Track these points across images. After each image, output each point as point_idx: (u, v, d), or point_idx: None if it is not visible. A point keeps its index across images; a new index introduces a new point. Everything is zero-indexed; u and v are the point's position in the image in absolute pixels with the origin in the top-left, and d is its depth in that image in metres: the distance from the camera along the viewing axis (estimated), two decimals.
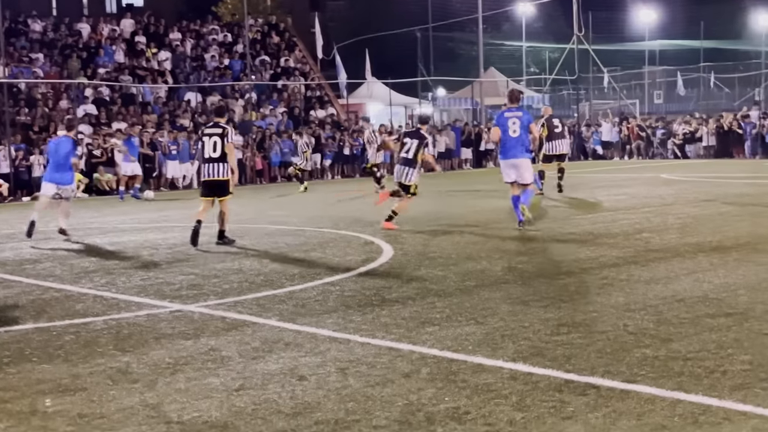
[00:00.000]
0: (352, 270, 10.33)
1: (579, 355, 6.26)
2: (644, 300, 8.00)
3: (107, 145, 28.14)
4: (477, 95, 42.25)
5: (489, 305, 8.06)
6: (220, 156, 13.27)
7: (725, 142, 37.04)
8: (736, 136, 36.65)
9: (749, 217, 14.07)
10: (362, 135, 30.14)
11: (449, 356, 6.39)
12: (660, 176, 25.34)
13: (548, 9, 61.03)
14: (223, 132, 13.35)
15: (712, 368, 5.83)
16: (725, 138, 36.97)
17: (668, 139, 39.22)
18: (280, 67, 40.32)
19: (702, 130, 38.00)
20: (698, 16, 55.13)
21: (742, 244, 11.12)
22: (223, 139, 13.27)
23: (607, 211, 16.03)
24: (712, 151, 37.44)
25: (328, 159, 33.98)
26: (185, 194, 27.06)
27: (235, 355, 6.65)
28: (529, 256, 10.89)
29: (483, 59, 44.13)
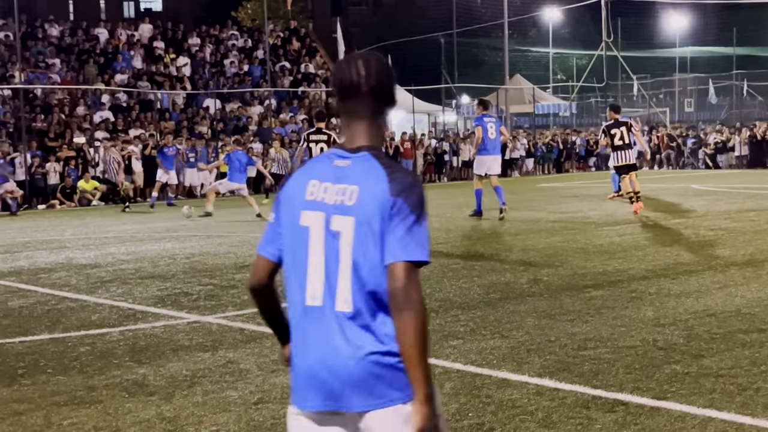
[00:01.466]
0: None
1: (607, 371, 6.09)
2: (674, 314, 7.80)
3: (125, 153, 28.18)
4: (502, 103, 42.05)
5: (514, 318, 7.89)
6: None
7: (758, 151, 36.56)
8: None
9: None
10: None
11: (473, 370, 6.24)
12: (691, 187, 25.07)
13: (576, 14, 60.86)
14: (329, 138, 14.94)
15: (744, 385, 5.65)
16: (758, 147, 36.50)
17: (699, 149, 38.85)
18: (301, 73, 40.31)
19: (734, 140, 37.58)
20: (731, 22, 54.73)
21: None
22: (330, 145, 14.49)
23: (635, 223, 15.80)
24: (744, 161, 37.03)
25: None
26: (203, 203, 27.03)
27: (253, 367, 6.52)
28: (555, 269, 10.69)
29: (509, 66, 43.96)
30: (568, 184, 30.00)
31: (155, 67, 36.16)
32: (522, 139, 38.80)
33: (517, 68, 52.38)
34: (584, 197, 22.51)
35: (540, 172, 39.14)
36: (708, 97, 53.47)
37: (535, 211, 19.10)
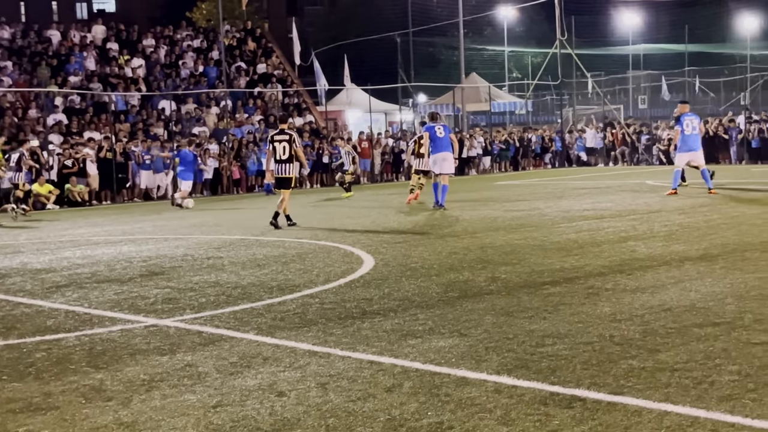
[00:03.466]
0: (332, 281, 10.17)
1: (564, 367, 6.13)
2: (630, 310, 7.88)
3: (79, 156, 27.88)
4: (458, 101, 42.21)
5: (472, 317, 7.92)
6: (288, 158, 16.80)
7: (711, 147, 36.99)
8: (722, 141, 36.73)
9: (736, 224, 13.99)
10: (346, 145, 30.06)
11: (432, 369, 6.25)
12: (645, 182, 25.32)
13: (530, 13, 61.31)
14: (290, 138, 16.85)
15: (699, 379, 5.71)
16: (710, 143, 36.95)
17: (653, 145, 39.28)
18: (257, 73, 40.14)
19: None
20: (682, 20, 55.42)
21: (729, 252, 11.03)
22: (291, 144, 16.77)
23: (592, 219, 15.93)
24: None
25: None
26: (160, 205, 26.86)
27: (212, 370, 6.48)
28: (513, 266, 10.76)
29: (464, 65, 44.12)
30: (525, 181, 30.20)
31: (109, 68, 35.82)
32: (479, 138, 38.98)
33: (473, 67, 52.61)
34: (541, 194, 22.66)
35: (497, 170, 39.35)
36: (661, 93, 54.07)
37: (492, 209, 19.20)
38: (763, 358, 6.12)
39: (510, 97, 50.30)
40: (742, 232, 12.94)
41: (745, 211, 15.88)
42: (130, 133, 31.49)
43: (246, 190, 32.12)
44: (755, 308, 7.69)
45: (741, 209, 16.32)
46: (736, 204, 17.39)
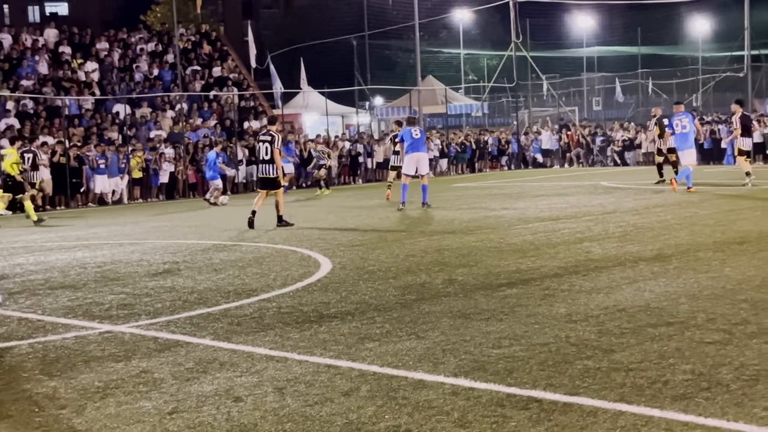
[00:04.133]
0: (289, 285, 10.14)
1: (521, 369, 6.16)
2: (586, 310, 7.94)
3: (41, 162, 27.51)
4: (415, 104, 42.31)
5: (429, 319, 7.93)
6: (270, 158, 16.95)
7: None
8: None
9: (689, 224, 14.16)
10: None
11: (390, 373, 6.25)
12: (600, 184, 25.55)
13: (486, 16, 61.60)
14: (272, 139, 16.95)
15: (654, 379, 5.77)
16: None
17: (607, 147, 39.66)
18: (213, 77, 39.93)
19: (641, 137, 38.48)
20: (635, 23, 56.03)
21: (682, 252, 11.16)
22: (272, 145, 16.87)
23: (548, 221, 16.04)
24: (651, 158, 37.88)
25: None
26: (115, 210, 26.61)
27: (167, 377, 6.43)
28: (470, 268, 10.79)
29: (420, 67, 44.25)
30: (482, 183, 30.33)
31: (62, 72, 35.40)
32: (435, 140, 39.10)
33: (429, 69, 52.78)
34: (497, 196, 22.77)
35: (454, 172, 39.49)
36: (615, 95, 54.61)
37: (449, 211, 19.26)
38: (716, 357, 6.20)
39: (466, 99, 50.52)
40: (695, 232, 13.10)
41: (697, 212, 16.08)
42: (84, 137, 31.13)
43: (202, 194, 31.87)
44: (708, 307, 7.79)
45: (693, 210, 16.52)
46: (688, 205, 17.60)
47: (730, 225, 13.73)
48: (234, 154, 32.61)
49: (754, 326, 7.02)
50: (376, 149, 36.83)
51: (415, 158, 20.01)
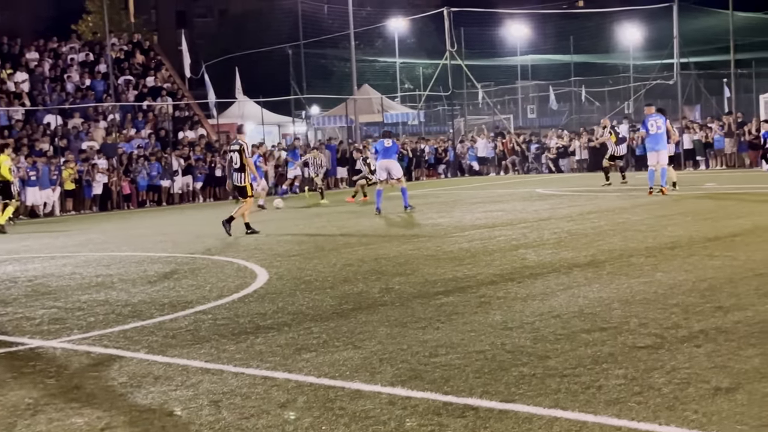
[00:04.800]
0: (225, 297, 10.06)
1: (457, 377, 6.18)
2: (521, 317, 8.00)
3: None
4: (351, 113, 42.34)
5: (366, 329, 7.93)
6: (240, 167, 17.23)
7: (597, 155, 38.02)
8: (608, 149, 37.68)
9: (622, 230, 14.36)
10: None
11: (326, 383, 6.22)
12: (535, 191, 25.81)
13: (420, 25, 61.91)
14: (240, 148, 17.27)
15: (588, 384, 5.83)
16: (597, 151, 37.95)
17: (542, 154, 40.09)
18: (146, 87, 39.50)
19: (575, 144, 38.99)
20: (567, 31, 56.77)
21: (615, 258, 11.31)
22: (241, 154, 17.16)
23: (484, 228, 16.15)
24: (585, 165, 38.44)
25: (199, 181, 33.33)
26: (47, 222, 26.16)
27: (100, 392, 6.32)
28: (407, 277, 10.82)
29: (357, 76, 44.31)
30: (419, 191, 30.41)
31: None
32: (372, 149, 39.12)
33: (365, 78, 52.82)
34: (434, 204, 22.87)
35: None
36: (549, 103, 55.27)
37: (386, 219, 19.28)
38: (648, 361, 6.29)
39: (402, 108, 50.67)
40: (628, 238, 13.29)
41: (630, 218, 16.32)
42: (15, 148, 30.53)
43: (137, 206, 31.49)
44: (640, 312, 7.90)
45: (626, 216, 16.76)
46: (621, 211, 17.86)
47: (661, 230, 13.95)
48: (169, 165, 32.28)
49: (685, 330, 7.14)
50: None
51: (385, 165, 21.08)
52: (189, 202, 32.36)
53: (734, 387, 5.57)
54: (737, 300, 8.18)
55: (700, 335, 6.94)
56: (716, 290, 8.70)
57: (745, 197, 19.44)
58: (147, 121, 36.74)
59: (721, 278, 9.33)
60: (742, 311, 7.68)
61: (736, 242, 12.11)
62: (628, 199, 20.66)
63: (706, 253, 11.18)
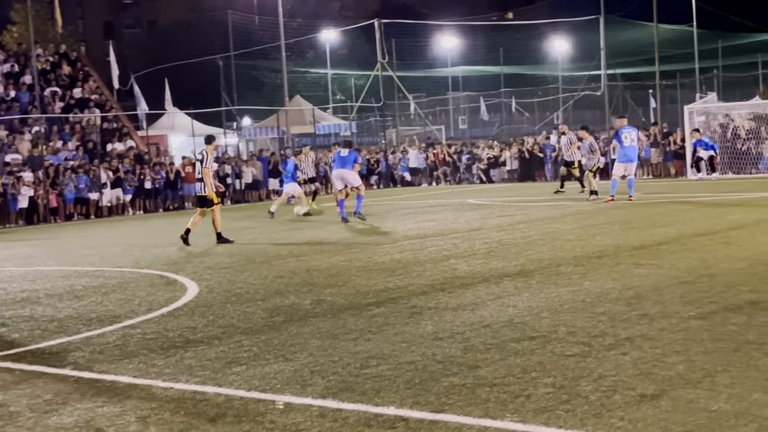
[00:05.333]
0: (155, 311, 9.93)
1: (388, 388, 6.19)
2: (452, 327, 8.04)
3: None
4: (283, 124, 42.20)
5: (298, 341, 7.90)
6: (201, 177, 17.37)
7: (527, 165, 38.58)
8: (538, 159, 38.21)
9: (551, 240, 14.52)
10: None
11: (257, 396, 6.19)
12: (467, 201, 25.99)
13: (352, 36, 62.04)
14: (202, 158, 17.49)
15: (517, 393, 5.88)
16: (527, 162, 38.51)
17: (473, 164, 40.40)
18: (74, 98, 38.89)
19: (505, 155, 39.39)
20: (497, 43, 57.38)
21: (544, 267, 11.43)
22: (202, 164, 17.37)
23: (415, 239, 16.20)
24: (515, 175, 38.85)
25: (128, 194, 32.84)
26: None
27: (25, 410, 6.20)
28: (338, 288, 10.80)
29: (288, 87, 44.18)
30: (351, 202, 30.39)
31: None
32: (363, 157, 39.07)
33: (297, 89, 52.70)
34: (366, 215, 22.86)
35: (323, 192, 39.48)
36: (480, 114, 55.74)
37: (317, 231, 19.25)
38: (576, 369, 6.37)
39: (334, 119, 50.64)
40: (557, 247, 13.46)
41: (559, 227, 16.53)
42: None
43: (64, 219, 30.93)
44: (568, 321, 8.01)
45: (555, 225, 16.98)
46: (550, 220, 18.07)
47: (589, 240, 14.15)
48: (97, 177, 31.80)
49: (611, 338, 7.24)
50: (244, 170, 36.54)
51: (339, 174, 21.14)
52: (118, 215, 31.89)
53: (659, 393, 5.67)
54: (662, 308, 8.33)
55: (626, 343, 7.05)
56: (642, 298, 8.85)
57: (671, 206, 19.82)
58: (74, 133, 36.15)
59: (647, 286, 9.50)
60: (666, 319, 7.83)
61: (662, 251, 12.34)
62: (558, 208, 20.92)
63: (633, 262, 11.38)
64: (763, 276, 9.71)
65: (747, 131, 33.71)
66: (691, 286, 9.33)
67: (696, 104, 35.68)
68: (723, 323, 7.52)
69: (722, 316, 7.78)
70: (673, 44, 55.12)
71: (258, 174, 36.95)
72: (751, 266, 10.42)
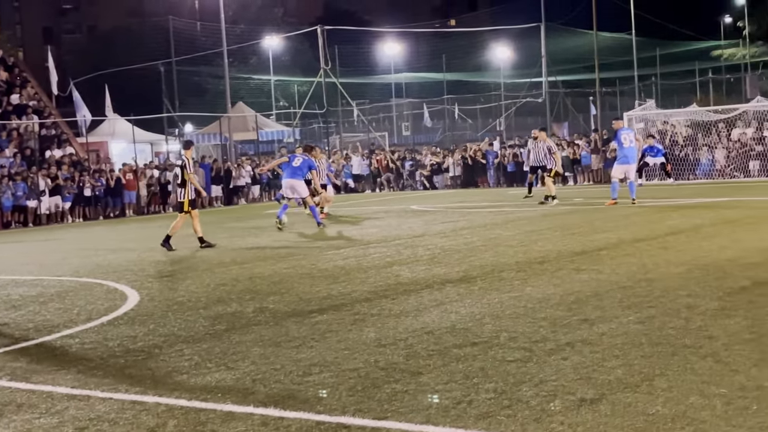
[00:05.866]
0: (94, 320, 9.80)
1: (331, 395, 6.19)
2: (395, 334, 8.06)
3: None
4: (226, 130, 41.97)
5: (240, 349, 7.85)
6: (181, 182, 17.48)
7: (470, 171, 38.82)
8: (480, 166, 38.48)
9: (493, 246, 14.62)
10: None
11: (198, 406, 6.14)
12: (410, 208, 26.05)
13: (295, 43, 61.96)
14: (183, 163, 17.51)
15: (459, 399, 5.91)
16: (470, 168, 38.74)
17: (417, 171, 40.53)
18: (11, 104, 38.23)
19: (448, 161, 39.60)
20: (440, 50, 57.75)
21: (486, 273, 11.50)
22: (183, 170, 17.37)
23: (358, 245, 16.20)
24: (458, 182, 39.06)
25: (67, 201, 32.32)
26: None
27: None
28: (281, 296, 10.76)
29: (231, 93, 43.98)
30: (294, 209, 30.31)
31: None
32: (247, 167, 38.87)
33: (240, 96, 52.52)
34: (308, 222, 22.79)
35: (267, 199, 39.31)
36: (423, 120, 56.01)
37: (261, 238, 19.16)
38: (517, 374, 6.42)
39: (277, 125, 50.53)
40: (499, 253, 13.55)
41: (501, 233, 16.64)
42: None
43: (1, 227, 30.37)
44: (510, 326, 8.06)
45: (498, 231, 17.09)
46: (493, 226, 18.19)
47: (531, 246, 14.27)
48: (36, 185, 31.29)
49: (552, 343, 7.31)
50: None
51: (289, 184, 20.81)
52: (57, 223, 31.39)
53: (598, 398, 5.74)
54: (602, 312, 8.43)
55: (567, 348, 7.12)
56: (582, 303, 8.95)
57: (610, 212, 20.07)
58: (11, 140, 35.53)
59: (588, 291, 9.61)
60: (606, 323, 7.93)
61: (602, 256, 12.49)
62: (500, 215, 21.08)
63: (574, 267, 11.50)
64: (701, 281, 9.88)
65: (685, 138, 34.33)
66: (631, 291, 9.46)
67: (635, 111, 36.25)
68: (661, 327, 7.63)
69: (660, 321, 7.90)
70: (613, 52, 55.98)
71: (200, 181, 36.59)
72: (688, 271, 10.59)
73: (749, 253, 11.81)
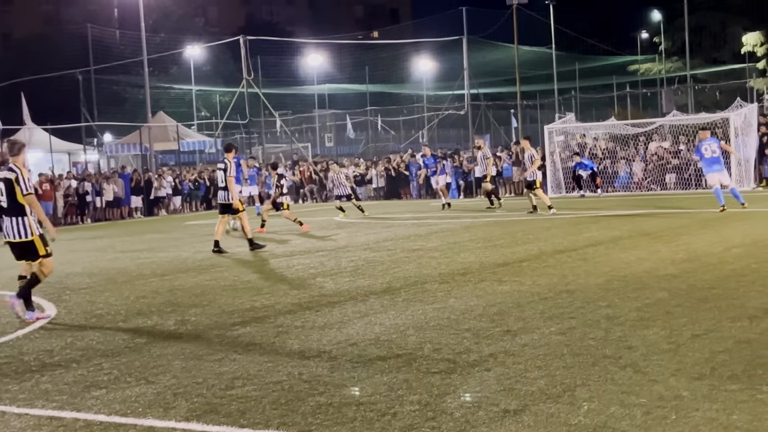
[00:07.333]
0: (9, 334, 9.55)
1: (254, 409, 6.12)
2: (319, 346, 8.02)
3: None
4: (146, 140, 41.41)
5: (160, 362, 7.72)
6: (225, 185, 17.77)
7: (394, 183, 38.96)
8: (403, 177, 38.65)
9: (417, 257, 14.66)
10: None
11: (117, 421, 6.03)
12: (333, 219, 26.00)
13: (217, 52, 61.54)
14: (225, 167, 17.72)
15: (383, 411, 5.90)
16: (394, 179, 38.88)
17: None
18: None
19: (372, 172, 39.68)
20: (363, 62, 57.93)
21: (410, 285, 11.53)
22: (225, 172, 17.66)
23: (282, 257, 16.11)
24: (382, 193, 39.18)
25: None
26: None
27: None
28: (203, 308, 10.63)
29: (151, 103, 43.43)
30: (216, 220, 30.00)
31: None
32: (168, 177, 38.42)
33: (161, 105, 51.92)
34: (231, 234, 22.61)
35: (188, 210, 38.90)
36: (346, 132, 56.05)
37: (182, 250, 18.93)
38: (441, 386, 6.43)
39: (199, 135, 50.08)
40: (422, 265, 13.60)
41: (424, 245, 16.71)
42: None
43: None
44: (434, 338, 8.09)
45: (421, 243, 17.15)
46: (416, 238, 18.26)
47: (454, 257, 14.36)
48: None
49: (475, 354, 7.35)
50: (105, 187, 35.63)
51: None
52: None
53: (521, 408, 5.78)
54: (524, 323, 8.51)
55: (490, 359, 7.17)
56: (505, 314, 9.03)
57: (532, 223, 20.32)
58: None
59: (510, 303, 9.70)
60: (528, 334, 8.00)
61: (523, 267, 12.62)
62: (423, 226, 21.17)
63: (496, 279, 11.60)
64: (620, 291, 10.04)
65: (603, 150, 34.96)
66: (552, 302, 9.57)
67: (555, 124, 36.78)
68: (582, 338, 7.73)
69: (581, 331, 8.00)
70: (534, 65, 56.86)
71: (120, 191, 36.05)
72: (608, 282, 10.76)
73: (666, 264, 12.06)
